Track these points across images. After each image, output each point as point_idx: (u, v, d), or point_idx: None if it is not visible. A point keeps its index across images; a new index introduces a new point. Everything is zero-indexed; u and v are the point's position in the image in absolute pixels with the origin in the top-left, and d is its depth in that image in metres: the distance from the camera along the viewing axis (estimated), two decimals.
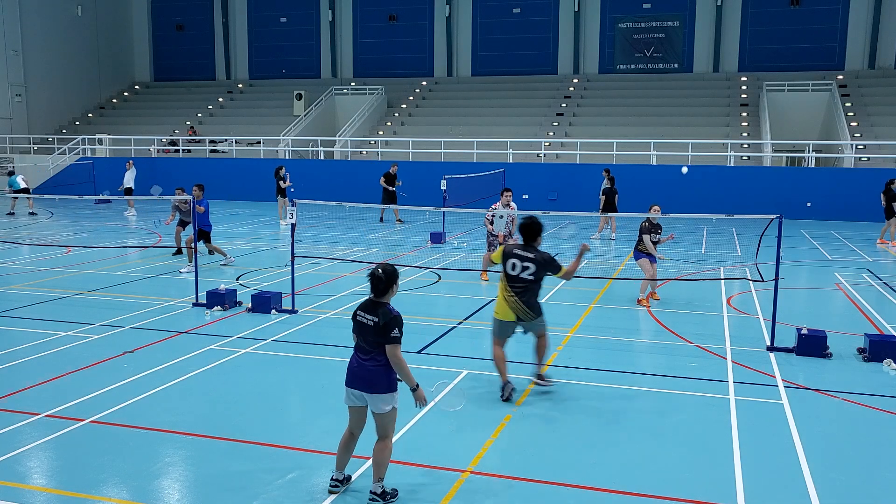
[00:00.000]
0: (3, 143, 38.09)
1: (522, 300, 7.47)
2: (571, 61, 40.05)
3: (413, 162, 30.30)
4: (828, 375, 8.39)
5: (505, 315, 7.56)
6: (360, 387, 5.32)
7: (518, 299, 7.46)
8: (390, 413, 5.34)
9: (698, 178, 27.40)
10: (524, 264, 7.43)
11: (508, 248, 7.61)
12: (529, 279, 7.44)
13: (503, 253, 7.58)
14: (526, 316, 7.51)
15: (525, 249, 7.51)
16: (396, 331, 5.31)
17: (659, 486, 5.62)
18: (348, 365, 5.42)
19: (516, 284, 7.45)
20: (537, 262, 7.44)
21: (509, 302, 7.49)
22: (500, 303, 7.60)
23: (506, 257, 7.52)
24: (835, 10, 36.18)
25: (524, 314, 7.51)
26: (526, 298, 7.47)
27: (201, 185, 14.57)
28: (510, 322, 7.57)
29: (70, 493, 5.43)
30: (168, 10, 46.63)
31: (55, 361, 8.52)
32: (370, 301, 5.44)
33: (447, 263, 15.91)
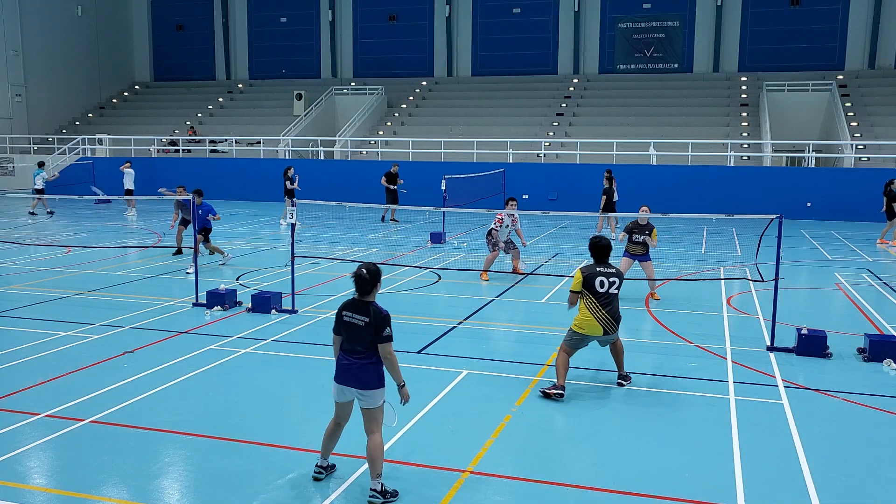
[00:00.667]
0: (3, 143, 38.11)
1: (610, 314, 7.64)
2: (571, 61, 40.07)
3: (413, 162, 30.30)
4: (828, 375, 8.39)
5: (592, 330, 7.65)
6: (352, 384, 5.42)
7: (607, 313, 7.61)
8: (381, 407, 5.46)
9: (698, 178, 27.42)
10: (611, 280, 7.66)
11: (587, 270, 7.74)
12: (615, 293, 7.70)
13: (584, 278, 7.67)
14: (612, 328, 7.67)
15: (606, 266, 7.74)
16: (388, 329, 5.37)
17: (659, 486, 5.62)
18: (337, 362, 5.52)
19: (605, 299, 7.62)
20: (619, 275, 7.77)
21: (598, 318, 7.60)
22: (585, 319, 7.65)
23: (591, 279, 7.65)
24: (835, 10, 36.20)
25: (612, 327, 7.66)
26: (612, 310, 7.67)
27: (200, 192, 14.55)
28: (593, 336, 7.71)
29: (70, 493, 5.43)
30: (168, 10, 46.64)
31: (55, 361, 8.52)
32: (357, 301, 5.47)
33: (447, 263, 15.91)
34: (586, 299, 7.65)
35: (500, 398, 7.48)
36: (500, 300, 12.24)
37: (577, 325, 7.71)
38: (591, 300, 7.63)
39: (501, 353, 9.16)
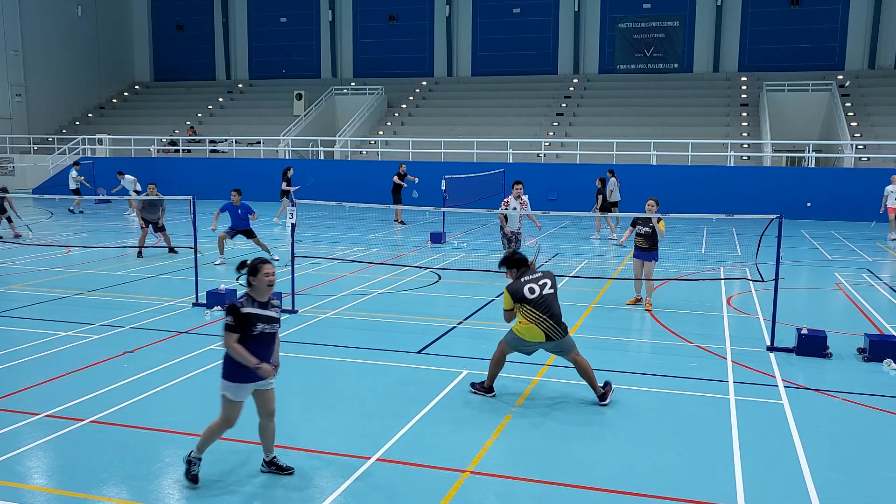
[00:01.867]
0: (3, 143, 38.11)
1: (552, 318, 7.23)
2: (571, 61, 40.07)
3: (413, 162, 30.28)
4: (828, 375, 8.39)
5: (534, 336, 7.27)
6: None
7: (547, 318, 7.21)
8: (222, 400, 5.55)
9: (698, 178, 27.42)
10: (541, 283, 7.29)
11: (513, 286, 7.33)
12: (550, 292, 7.32)
13: (512, 294, 7.28)
14: (556, 334, 7.23)
15: (530, 273, 7.39)
16: (229, 318, 5.41)
17: (659, 486, 5.62)
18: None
19: (541, 304, 7.22)
20: (548, 275, 7.43)
21: (539, 324, 7.21)
22: (525, 326, 7.26)
23: (518, 291, 7.25)
24: (835, 10, 36.20)
25: (556, 332, 7.24)
26: (553, 314, 7.24)
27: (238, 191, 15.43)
28: (535, 343, 7.32)
29: (70, 493, 5.43)
30: (168, 10, 46.65)
31: (55, 361, 8.51)
32: None
33: (447, 263, 15.90)
34: (523, 310, 7.26)
35: (500, 398, 7.48)
36: (500, 300, 12.22)
37: (518, 331, 7.35)
38: (527, 309, 7.23)
39: None
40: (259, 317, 5.44)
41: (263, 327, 5.46)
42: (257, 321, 5.43)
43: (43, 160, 35.82)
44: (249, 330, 5.40)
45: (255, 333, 5.41)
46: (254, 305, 5.47)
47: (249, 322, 5.39)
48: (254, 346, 5.42)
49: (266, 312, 5.50)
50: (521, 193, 14.10)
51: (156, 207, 16.28)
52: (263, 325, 5.46)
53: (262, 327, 5.45)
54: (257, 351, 5.43)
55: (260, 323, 5.44)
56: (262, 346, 5.48)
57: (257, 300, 5.51)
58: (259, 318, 5.44)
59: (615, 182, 21.56)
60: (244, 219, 15.38)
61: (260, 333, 5.45)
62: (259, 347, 5.45)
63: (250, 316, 5.40)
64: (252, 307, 5.45)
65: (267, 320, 5.49)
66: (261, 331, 5.44)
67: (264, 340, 5.49)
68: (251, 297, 5.51)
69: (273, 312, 5.56)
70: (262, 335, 5.46)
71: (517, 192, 14.07)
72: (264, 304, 5.53)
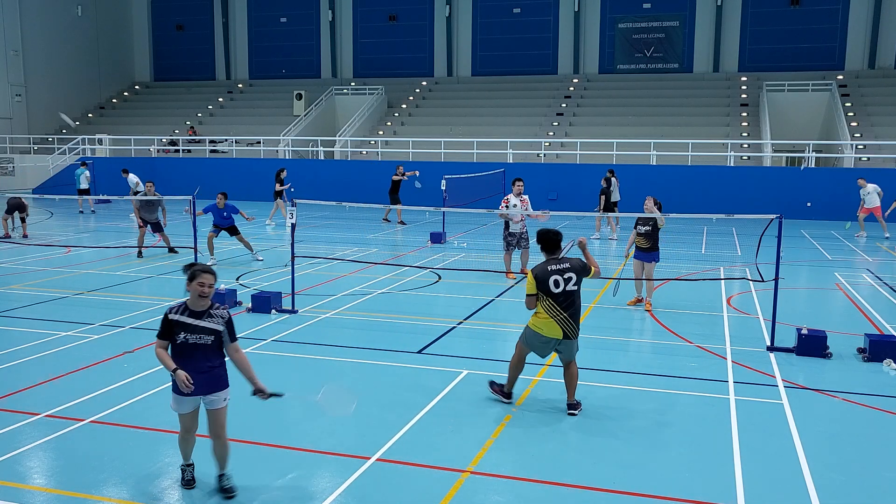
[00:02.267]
0: (3, 143, 38.11)
1: (571, 315, 6.98)
2: (571, 61, 40.07)
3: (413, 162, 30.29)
4: (828, 375, 8.39)
5: (552, 332, 6.98)
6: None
7: (567, 316, 6.95)
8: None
9: (698, 178, 27.42)
10: (566, 276, 6.96)
11: (539, 269, 7.00)
12: (574, 289, 7.00)
13: (537, 279, 6.95)
14: (572, 332, 7.01)
15: (558, 262, 7.05)
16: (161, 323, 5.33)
17: (659, 486, 5.62)
18: None
19: (563, 300, 6.94)
20: (574, 269, 7.04)
21: (558, 320, 6.94)
22: (544, 320, 6.99)
23: (544, 278, 6.93)
24: (835, 10, 36.20)
25: (572, 330, 7.02)
26: (573, 312, 7.01)
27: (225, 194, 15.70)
28: (554, 339, 7.03)
29: (70, 493, 5.43)
30: (168, 10, 46.65)
31: (55, 361, 8.52)
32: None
33: (447, 263, 15.90)
34: (543, 301, 6.98)
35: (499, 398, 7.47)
36: (500, 300, 12.24)
37: (536, 325, 7.06)
38: (548, 302, 6.95)
39: (501, 353, 9.15)
40: (183, 325, 5.18)
41: (187, 337, 5.17)
42: (181, 330, 5.17)
43: (43, 160, 35.82)
44: (173, 338, 5.19)
45: (177, 342, 5.18)
46: (185, 314, 5.22)
47: (172, 329, 5.19)
48: (176, 357, 5.19)
49: (195, 322, 5.20)
50: (521, 191, 13.82)
51: (154, 207, 16.27)
52: (187, 334, 5.17)
53: (184, 337, 5.17)
54: (181, 365, 5.16)
55: (183, 332, 5.17)
56: (186, 357, 5.18)
57: (191, 308, 5.24)
58: (183, 326, 5.18)
59: (615, 182, 21.55)
60: (228, 218, 15.60)
61: (182, 343, 5.17)
62: (182, 359, 5.18)
63: (173, 323, 5.19)
64: (181, 315, 5.22)
65: (192, 330, 5.18)
66: (183, 340, 5.17)
67: (187, 351, 5.19)
68: (185, 305, 5.27)
69: (208, 323, 5.22)
70: (184, 346, 5.18)
71: (518, 189, 13.82)
72: (199, 314, 5.23)
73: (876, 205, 21.02)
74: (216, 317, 5.28)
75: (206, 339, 5.21)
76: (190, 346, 5.18)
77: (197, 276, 5.19)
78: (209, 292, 5.23)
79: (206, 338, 5.21)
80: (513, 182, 14.04)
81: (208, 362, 5.26)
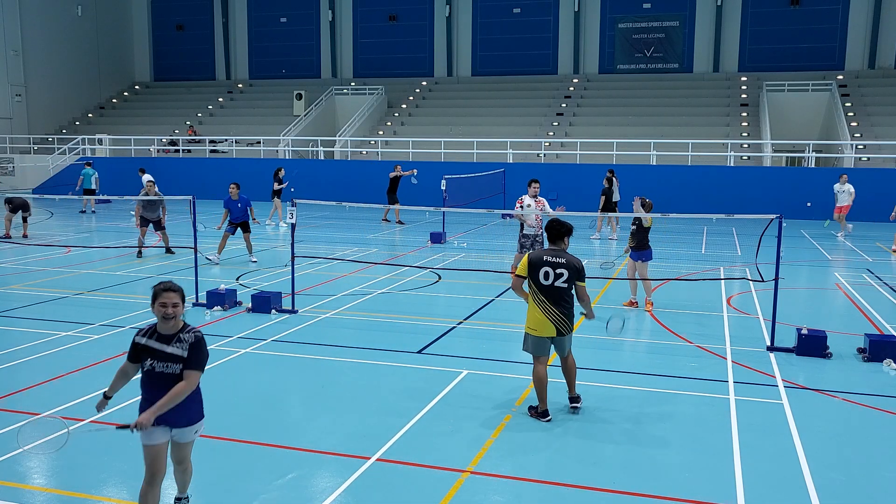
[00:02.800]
0: (3, 143, 38.11)
1: (562, 313, 6.81)
2: (571, 61, 40.07)
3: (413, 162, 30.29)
4: (828, 375, 8.39)
5: (546, 330, 6.82)
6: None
7: (558, 313, 6.79)
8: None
9: (698, 178, 27.41)
10: (557, 271, 6.76)
11: (535, 255, 6.86)
12: (563, 286, 6.79)
13: (530, 262, 6.81)
14: (565, 328, 6.84)
15: (556, 254, 6.86)
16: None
17: (659, 486, 5.62)
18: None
19: (550, 294, 6.78)
20: (570, 266, 6.81)
21: (549, 316, 6.77)
22: (537, 319, 6.84)
23: (535, 266, 6.79)
24: (835, 10, 36.20)
25: (565, 326, 6.84)
26: (563, 308, 6.81)
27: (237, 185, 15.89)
28: (549, 338, 6.89)
29: (70, 493, 5.43)
30: (168, 10, 46.65)
31: (55, 361, 8.51)
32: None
33: (447, 263, 15.90)
34: (533, 295, 6.84)
35: (500, 398, 7.48)
36: (500, 300, 12.24)
37: (531, 327, 6.91)
38: (536, 295, 6.81)
39: (501, 353, 9.16)
40: (150, 351, 4.57)
41: (153, 364, 4.55)
42: (147, 356, 4.58)
43: (43, 160, 35.83)
44: (140, 364, 4.65)
45: (144, 369, 4.61)
46: (152, 337, 4.61)
47: (139, 354, 4.62)
48: (146, 386, 4.63)
49: (161, 347, 4.55)
50: (537, 193, 13.09)
51: (155, 206, 16.26)
52: (154, 361, 4.55)
53: (151, 364, 4.56)
54: (148, 394, 4.59)
55: (150, 358, 4.57)
56: (154, 386, 4.55)
57: (159, 332, 4.61)
58: (150, 352, 4.57)
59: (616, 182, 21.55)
60: (243, 212, 15.73)
61: (149, 370, 4.57)
62: (151, 388, 4.58)
63: (140, 348, 4.61)
64: (149, 339, 4.61)
65: (159, 356, 4.55)
66: (150, 367, 4.57)
67: (155, 380, 4.55)
68: (154, 329, 4.67)
69: (175, 349, 4.55)
70: (151, 373, 4.57)
71: (533, 190, 13.05)
72: (167, 338, 4.58)
73: (846, 203, 21.48)
74: (183, 341, 4.58)
75: (174, 368, 4.54)
76: (157, 375, 4.55)
77: (158, 296, 4.56)
78: (174, 313, 4.55)
79: (172, 366, 4.54)
80: (529, 183, 13.29)
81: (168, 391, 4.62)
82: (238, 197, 15.63)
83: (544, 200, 13.14)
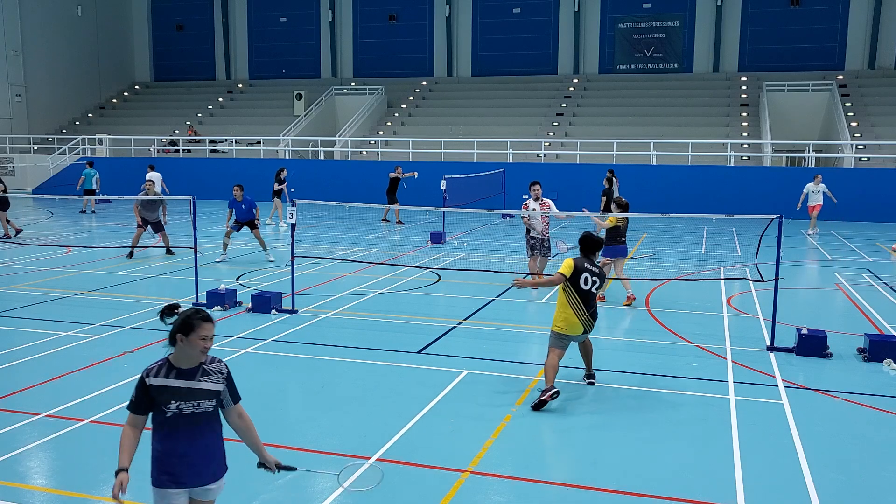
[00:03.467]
0: (3, 143, 38.10)
1: (592, 314, 7.48)
2: (571, 61, 40.07)
3: (413, 162, 30.30)
4: (828, 375, 8.39)
5: (574, 330, 7.41)
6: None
7: (589, 314, 7.43)
8: None
9: (698, 178, 27.41)
10: (593, 279, 7.46)
11: (579, 262, 7.50)
12: (595, 292, 7.51)
13: (575, 267, 7.43)
14: (589, 326, 7.51)
15: (592, 264, 7.58)
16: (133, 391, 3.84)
17: (659, 486, 5.62)
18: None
19: (587, 298, 7.41)
20: (600, 275, 7.60)
21: (580, 317, 7.38)
22: (567, 318, 7.39)
23: (578, 272, 7.42)
24: (835, 10, 36.20)
25: (591, 326, 7.53)
26: (594, 311, 7.52)
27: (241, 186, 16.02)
28: (574, 336, 7.48)
29: (70, 493, 5.43)
30: (168, 10, 46.65)
31: (55, 361, 8.51)
32: None
33: (447, 263, 15.90)
34: (569, 297, 7.39)
35: (500, 398, 7.48)
36: (500, 300, 12.24)
37: (560, 327, 7.43)
38: (574, 298, 7.38)
39: (501, 353, 9.16)
40: (173, 391, 3.73)
41: (181, 406, 3.74)
42: (170, 397, 3.72)
43: (43, 160, 35.83)
44: (160, 410, 3.74)
45: (167, 416, 3.73)
46: (170, 375, 3.78)
47: (156, 398, 3.73)
48: (170, 436, 3.76)
49: (188, 384, 3.76)
50: (539, 195, 12.92)
51: (154, 206, 16.22)
52: (180, 402, 3.74)
53: (177, 406, 3.74)
54: (174, 445, 3.76)
55: (174, 400, 3.73)
56: (181, 435, 3.75)
57: (178, 367, 3.81)
58: (173, 392, 3.73)
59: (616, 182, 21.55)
60: (249, 212, 15.83)
61: (175, 415, 3.73)
62: (175, 438, 3.76)
63: (156, 391, 3.74)
64: (166, 377, 3.77)
65: (187, 395, 3.74)
66: (176, 410, 3.73)
67: (182, 426, 3.75)
68: (170, 364, 3.83)
69: (206, 383, 3.80)
70: (178, 417, 3.74)
71: (535, 193, 12.91)
72: (189, 373, 3.79)
73: (819, 203, 21.78)
74: (213, 373, 3.85)
75: (208, 406, 3.81)
76: (187, 418, 3.76)
77: (197, 328, 3.77)
78: (210, 346, 3.87)
79: (206, 404, 3.80)
80: (530, 185, 13.09)
81: (207, 438, 3.87)
82: (242, 198, 15.72)
83: (550, 202, 13.03)
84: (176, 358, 3.83)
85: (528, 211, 12.74)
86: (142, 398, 3.77)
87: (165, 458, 3.80)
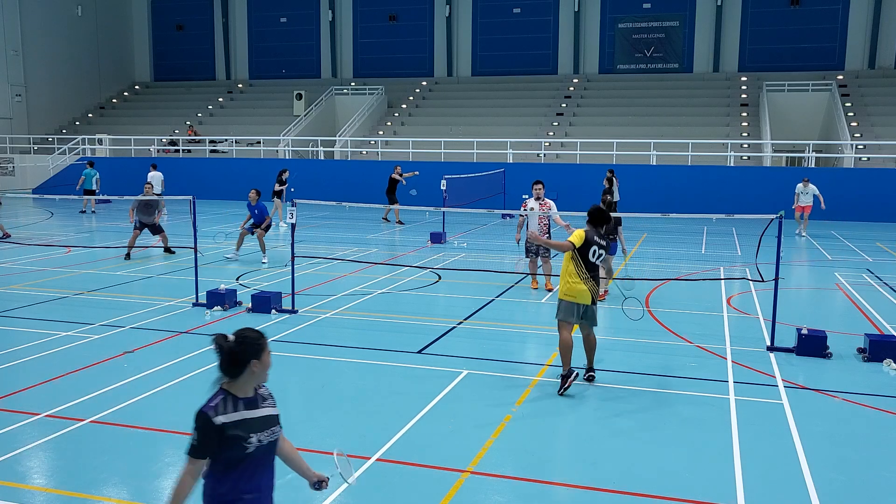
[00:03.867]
0: (3, 143, 38.10)
1: (596, 281, 7.75)
2: (571, 61, 40.07)
3: (413, 162, 30.30)
4: (828, 375, 8.39)
5: (582, 298, 7.66)
6: None
7: (593, 284, 7.70)
8: None
9: (698, 178, 27.41)
10: (600, 252, 7.76)
11: (589, 234, 7.76)
12: (599, 263, 7.83)
13: (586, 239, 7.68)
14: (596, 298, 7.76)
15: (600, 237, 7.82)
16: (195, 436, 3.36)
17: (659, 486, 5.62)
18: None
19: (593, 270, 7.71)
20: (606, 248, 7.91)
21: (587, 284, 7.65)
22: (575, 285, 7.65)
23: (588, 244, 7.68)
24: (835, 10, 36.19)
25: (596, 294, 7.76)
26: (597, 280, 7.80)
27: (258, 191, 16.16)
28: (581, 305, 7.69)
29: (70, 493, 5.43)
30: (168, 10, 46.64)
31: (55, 361, 8.51)
32: None
33: (447, 263, 15.90)
34: (576, 266, 7.66)
35: (500, 398, 7.48)
36: (500, 300, 12.24)
37: (567, 293, 7.72)
38: (580, 267, 7.65)
39: (501, 353, 9.16)
40: (248, 424, 3.38)
41: (261, 438, 3.41)
42: (248, 431, 3.36)
43: (43, 160, 35.82)
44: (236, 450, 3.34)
45: (248, 451, 3.36)
46: (238, 407, 3.40)
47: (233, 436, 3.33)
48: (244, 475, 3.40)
49: (258, 413, 3.46)
50: (541, 195, 12.88)
51: (151, 208, 16.04)
52: (259, 434, 3.41)
53: (258, 440, 3.40)
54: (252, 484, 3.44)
55: (253, 433, 3.38)
56: (260, 470, 3.46)
57: (242, 397, 3.44)
58: (249, 425, 3.38)
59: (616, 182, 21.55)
60: (259, 217, 16.02)
61: (257, 448, 3.40)
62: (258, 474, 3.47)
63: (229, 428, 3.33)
64: (236, 411, 3.38)
65: (262, 425, 3.44)
66: (258, 444, 3.39)
67: (262, 461, 3.46)
68: (233, 395, 3.42)
69: (268, 409, 3.54)
70: (259, 450, 3.41)
71: (537, 192, 12.87)
72: (252, 402, 3.47)
73: (809, 203, 21.72)
74: (267, 396, 3.60)
75: (277, 432, 3.55)
76: (267, 448, 3.46)
77: (266, 347, 3.52)
78: None
79: (276, 430, 3.54)
80: (532, 185, 13.06)
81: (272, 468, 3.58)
82: (256, 203, 15.91)
83: (550, 202, 12.99)
84: (237, 388, 3.44)
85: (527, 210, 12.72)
86: (211, 440, 3.31)
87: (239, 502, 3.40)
